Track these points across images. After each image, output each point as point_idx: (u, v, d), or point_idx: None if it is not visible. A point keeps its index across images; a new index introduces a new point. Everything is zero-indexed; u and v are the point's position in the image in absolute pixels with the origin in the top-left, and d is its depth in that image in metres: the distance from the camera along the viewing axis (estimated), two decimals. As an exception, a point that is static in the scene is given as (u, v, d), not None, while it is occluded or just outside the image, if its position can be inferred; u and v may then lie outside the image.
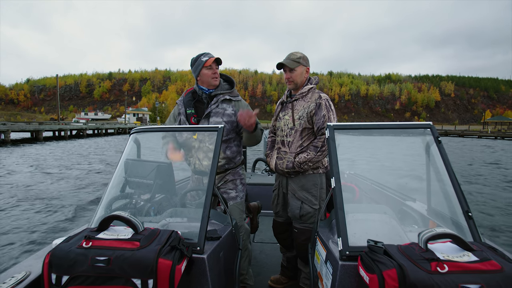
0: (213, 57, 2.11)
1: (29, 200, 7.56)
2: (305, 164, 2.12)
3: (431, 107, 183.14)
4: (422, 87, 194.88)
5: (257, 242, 3.48)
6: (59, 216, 6.33)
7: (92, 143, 29.16)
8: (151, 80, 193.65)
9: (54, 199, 7.76)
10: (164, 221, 1.69)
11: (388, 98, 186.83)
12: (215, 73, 2.12)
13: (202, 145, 2.11)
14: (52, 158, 16.71)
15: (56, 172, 11.81)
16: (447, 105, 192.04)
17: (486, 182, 10.99)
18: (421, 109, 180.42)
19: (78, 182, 10.00)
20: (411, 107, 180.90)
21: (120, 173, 1.91)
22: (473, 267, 1.04)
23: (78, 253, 1.20)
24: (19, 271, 1.36)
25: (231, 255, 1.75)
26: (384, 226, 1.53)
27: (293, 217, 2.24)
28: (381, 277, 1.07)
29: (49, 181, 9.95)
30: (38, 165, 13.88)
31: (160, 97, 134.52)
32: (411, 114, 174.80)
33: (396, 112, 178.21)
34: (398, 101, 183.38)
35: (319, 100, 2.12)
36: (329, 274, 1.41)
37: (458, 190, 1.44)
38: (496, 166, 15.63)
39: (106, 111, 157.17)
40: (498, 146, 29.70)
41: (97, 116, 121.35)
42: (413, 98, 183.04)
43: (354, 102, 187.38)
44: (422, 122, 1.62)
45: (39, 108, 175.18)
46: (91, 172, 11.97)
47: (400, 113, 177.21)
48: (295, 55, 2.19)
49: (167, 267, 1.17)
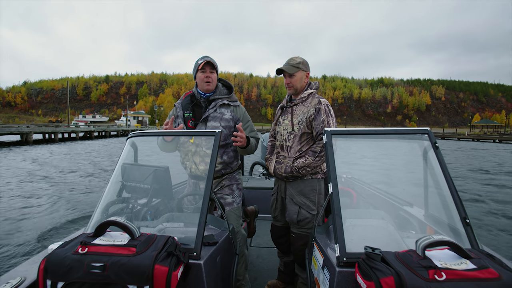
0: (206, 61, 2.08)
1: (26, 203, 7.48)
2: (304, 169, 2.09)
3: (422, 111, 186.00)
4: (414, 90, 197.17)
5: (254, 246, 3.45)
6: (56, 220, 6.27)
7: (98, 143, 31.47)
8: (148, 83, 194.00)
9: (52, 202, 7.69)
10: (161, 226, 1.68)
11: (380, 102, 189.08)
12: (208, 77, 2.10)
13: (199, 149, 2.09)
14: (65, 158, 17.32)
15: (55, 175, 11.75)
16: (438, 108, 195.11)
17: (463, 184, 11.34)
18: (412, 112, 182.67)
19: (75, 185, 9.93)
20: (403, 111, 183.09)
21: (117, 177, 1.90)
22: (471, 275, 1.02)
23: (74, 259, 1.18)
24: (14, 277, 1.34)
25: (228, 261, 1.73)
26: (382, 232, 1.52)
27: (291, 222, 2.21)
28: (379, 284, 1.06)
29: (47, 184, 9.87)
30: (41, 164, 14.10)
31: (157, 100, 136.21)
32: (403, 117, 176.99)
33: (388, 116, 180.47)
34: (390, 105, 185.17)
35: (319, 105, 2.11)
36: (326, 281, 1.39)
37: (455, 196, 1.43)
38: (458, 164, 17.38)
39: (103, 114, 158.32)
40: (471, 146, 32.73)
41: (95, 118, 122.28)
42: (404, 102, 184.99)
43: (347, 106, 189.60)
44: (419, 128, 1.62)
45: (36, 111, 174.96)
46: (90, 176, 11.90)
47: (392, 116, 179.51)
48: (294, 60, 2.18)
49: (163, 274, 1.15)
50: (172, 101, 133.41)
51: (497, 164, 18.04)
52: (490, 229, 6.26)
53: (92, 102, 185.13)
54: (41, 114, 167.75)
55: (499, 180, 12.25)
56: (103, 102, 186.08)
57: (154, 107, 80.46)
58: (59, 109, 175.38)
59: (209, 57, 2.12)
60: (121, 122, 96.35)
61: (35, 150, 22.03)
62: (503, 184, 11.42)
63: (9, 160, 15.91)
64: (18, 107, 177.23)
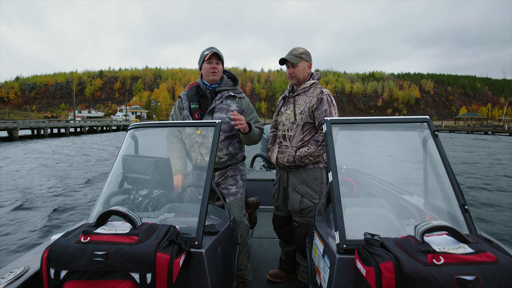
0: (212, 52, 2.06)
1: (27, 196, 7.47)
2: (306, 158, 2.08)
3: (412, 104, 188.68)
4: (404, 84, 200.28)
5: (255, 237, 3.46)
6: (57, 212, 6.25)
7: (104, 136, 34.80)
8: (142, 78, 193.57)
9: (52, 195, 7.66)
10: (162, 216, 1.68)
11: (371, 95, 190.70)
12: (214, 68, 2.08)
13: (206, 140, 2.08)
14: (80, 150, 18.40)
15: (58, 167, 11.82)
16: (427, 102, 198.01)
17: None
18: (402, 105, 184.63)
19: (77, 177, 9.92)
20: (393, 104, 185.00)
21: (118, 169, 1.90)
22: (468, 259, 1.04)
23: (77, 248, 1.18)
24: (18, 266, 1.35)
25: (229, 250, 1.74)
26: (381, 219, 1.53)
27: (293, 211, 2.21)
28: (378, 269, 1.07)
29: (49, 176, 9.86)
30: (47, 158, 14.36)
31: (152, 95, 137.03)
32: (393, 111, 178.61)
33: (378, 109, 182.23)
34: (380, 98, 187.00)
35: (321, 95, 2.10)
36: (326, 268, 1.40)
37: (454, 184, 1.44)
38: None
39: (98, 109, 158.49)
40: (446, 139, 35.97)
41: (90, 114, 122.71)
42: (394, 96, 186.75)
43: (339, 99, 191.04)
44: (419, 116, 1.61)
45: (30, 106, 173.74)
46: (92, 167, 11.96)
47: (382, 109, 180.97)
48: (297, 51, 2.16)
49: (165, 261, 1.16)
50: (167, 96, 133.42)
51: (452, 152, 19.21)
52: (489, 217, 6.25)
53: (87, 98, 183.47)
54: (35, 109, 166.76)
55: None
56: (97, 98, 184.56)
57: (151, 102, 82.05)
58: (53, 105, 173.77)
59: (215, 48, 2.11)
60: (117, 117, 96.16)
61: (51, 142, 25.20)
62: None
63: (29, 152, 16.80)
64: (11, 102, 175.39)
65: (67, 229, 1.51)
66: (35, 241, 4.82)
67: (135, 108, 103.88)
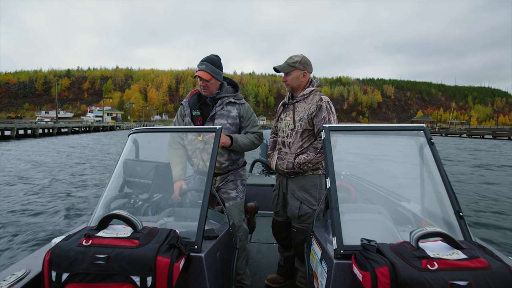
0: (200, 70, 2.05)
1: (28, 200, 7.28)
2: (305, 165, 2.09)
3: (374, 108, 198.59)
4: (368, 89, 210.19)
5: (254, 242, 3.42)
6: (58, 216, 6.15)
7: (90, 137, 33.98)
8: (113, 78, 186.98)
9: (53, 199, 7.48)
10: (162, 220, 1.67)
11: (337, 99, 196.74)
12: (204, 85, 2.08)
13: (207, 146, 2.07)
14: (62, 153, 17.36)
15: (55, 171, 11.39)
16: (388, 105, 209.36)
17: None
18: (366, 109, 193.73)
19: (77, 181, 9.67)
20: (357, 108, 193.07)
21: (119, 173, 1.88)
22: (461, 265, 1.06)
23: (78, 251, 1.18)
24: (19, 269, 1.33)
25: (228, 255, 1.73)
26: (378, 225, 1.55)
27: (292, 217, 2.21)
28: (374, 274, 1.08)
29: (48, 180, 9.56)
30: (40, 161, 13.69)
31: (124, 96, 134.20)
32: (357, 114, 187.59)
33: (344, 112, 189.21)
34: (346, 102, 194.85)
35: (320, 103, 2.10)
36: (324, 273, 1.40)
37: (450, 191, 1.46)
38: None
39: (67, 110, 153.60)
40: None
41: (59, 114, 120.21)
42: (359, 100, 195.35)
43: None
44: (415, 125, 1.63)
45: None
46: (91, 172, 11.57)
47: (348, 113, 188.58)
48: (292, 59, 2.15)
49: (166, 265, 1.16)
50: (139, 97, 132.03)
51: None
52: (485, 223, 6.23)
53: (53, 98, 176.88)
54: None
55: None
56: (65, 98, 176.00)
57: (126, 104, 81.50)
58: (16, 105, 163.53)
59: (205, 64, 2.07)
60: (88, 118, 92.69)
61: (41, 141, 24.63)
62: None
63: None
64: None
65: (68, 232, 1.51)
66: (36, 244, 4.72)
67: (107, 110, 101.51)
